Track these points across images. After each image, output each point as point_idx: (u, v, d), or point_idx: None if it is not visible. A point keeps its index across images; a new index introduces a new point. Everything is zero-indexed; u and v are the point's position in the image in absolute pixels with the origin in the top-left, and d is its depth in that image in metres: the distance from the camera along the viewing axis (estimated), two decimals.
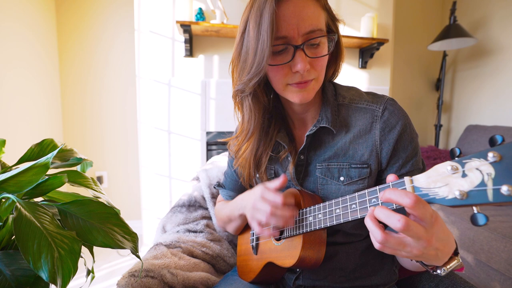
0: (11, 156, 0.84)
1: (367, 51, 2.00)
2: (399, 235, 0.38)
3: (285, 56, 0.52)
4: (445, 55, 2.45)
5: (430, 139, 2.80)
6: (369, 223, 0.39)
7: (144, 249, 1.84)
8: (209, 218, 0.99)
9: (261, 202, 0.55)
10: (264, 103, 0.60)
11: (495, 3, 2.22)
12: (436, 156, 2.17)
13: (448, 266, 0.44)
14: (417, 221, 0.36)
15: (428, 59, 2.70)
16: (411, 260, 0.55)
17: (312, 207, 0.54)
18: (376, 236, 0.38)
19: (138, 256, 0.57)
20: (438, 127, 2.53)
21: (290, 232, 0.58)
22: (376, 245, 0.39)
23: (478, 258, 1.34)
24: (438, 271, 0.44)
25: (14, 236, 0.59)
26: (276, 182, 0.55)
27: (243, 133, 0.63)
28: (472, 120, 2.42)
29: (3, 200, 0.52)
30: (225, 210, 0.77)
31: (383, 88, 2.10)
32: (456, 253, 0.45)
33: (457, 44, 2.28)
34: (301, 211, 0.57)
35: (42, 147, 0.68)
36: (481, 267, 1.34)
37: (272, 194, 0.54)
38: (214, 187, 0.88)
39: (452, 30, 2.16)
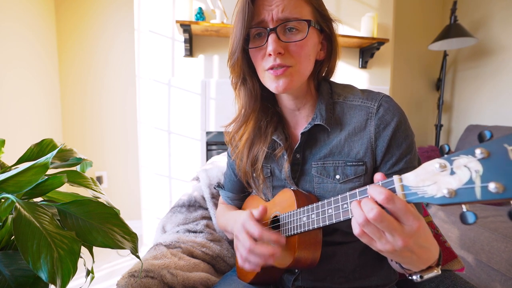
0: (10, 156, 0.84)
1: (367, 51, 1.99)
2: None
3: (262, 40, 0.55)
4: (445, 55, 2.44)
5: (430, 139, 2.80)
6: (353, 206, 0.40)
7: (144, 249, 1.83)
8: (209, 218, 0.99)
9: (242, 233, 0.55)
10: (256, 91, 0.63)
11: (496, 3, 2.22)
12: (437, 156, 2.16)
13: (425, 275, 0.44)
14: (392, 215, 0.37)
15: (428, 59, 2.70)
16: (391, 261, 0.55)
17: (306, 207, 0.54)
18: (357, 218, 0.38)
19: (138, 256, 0.57)
20: (438, 127, 2.52)
21: (285, 233, 0.58)
22: (356, 230, 0.40)
23: (478, 258, 1.34)
24: (414, 277, 0.45)
25: (13, 236, 0.58)
26: (256, 212, 0.56)
27: (240, 117, 0.65)
28: (473, 120, 2.41)
29: (3, 200, 0.52)
30: (222, 220, 0.80)
31: (383, 88, 2.10)
32: (438, 264, 0.45)
33: (458, 44, 2.28)
34: (295, 211, 0.56)
35: (42, 147, 0.68)
36: (482, 267, 1.34)
37: (252, 224, 0.54)
38: (214, 188, 0.88)
39: (452, 30, 2.15)
